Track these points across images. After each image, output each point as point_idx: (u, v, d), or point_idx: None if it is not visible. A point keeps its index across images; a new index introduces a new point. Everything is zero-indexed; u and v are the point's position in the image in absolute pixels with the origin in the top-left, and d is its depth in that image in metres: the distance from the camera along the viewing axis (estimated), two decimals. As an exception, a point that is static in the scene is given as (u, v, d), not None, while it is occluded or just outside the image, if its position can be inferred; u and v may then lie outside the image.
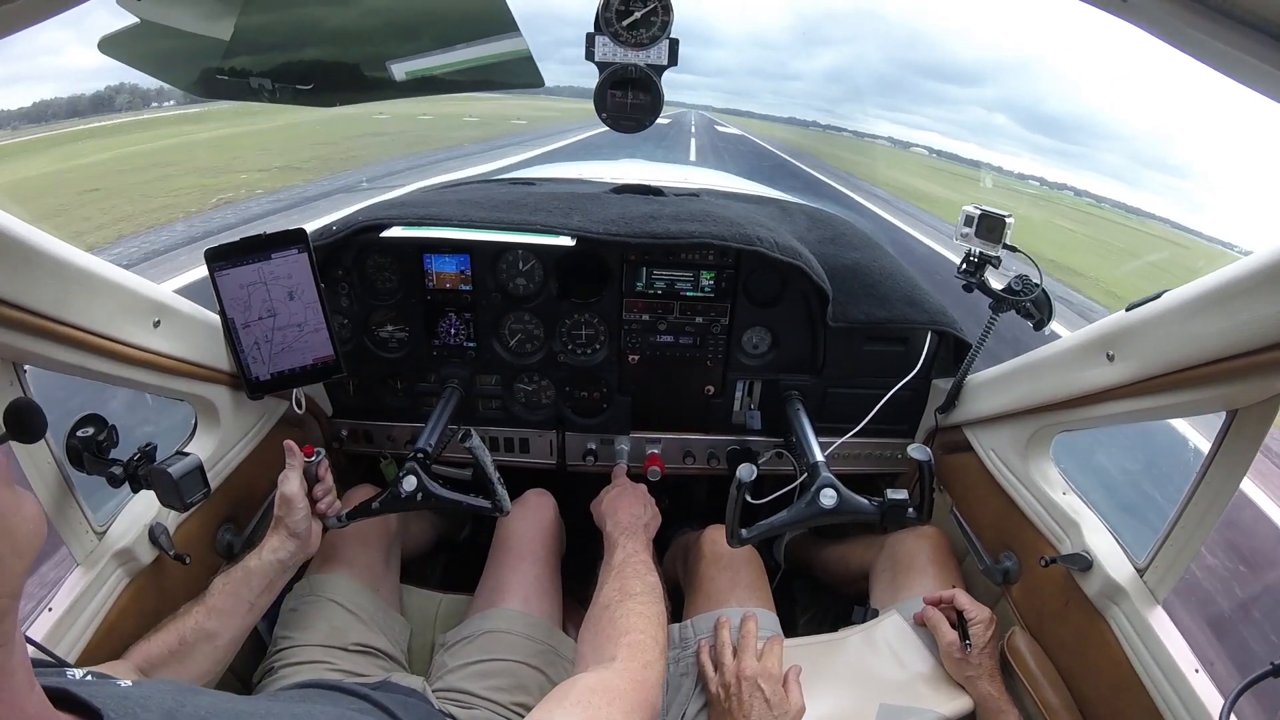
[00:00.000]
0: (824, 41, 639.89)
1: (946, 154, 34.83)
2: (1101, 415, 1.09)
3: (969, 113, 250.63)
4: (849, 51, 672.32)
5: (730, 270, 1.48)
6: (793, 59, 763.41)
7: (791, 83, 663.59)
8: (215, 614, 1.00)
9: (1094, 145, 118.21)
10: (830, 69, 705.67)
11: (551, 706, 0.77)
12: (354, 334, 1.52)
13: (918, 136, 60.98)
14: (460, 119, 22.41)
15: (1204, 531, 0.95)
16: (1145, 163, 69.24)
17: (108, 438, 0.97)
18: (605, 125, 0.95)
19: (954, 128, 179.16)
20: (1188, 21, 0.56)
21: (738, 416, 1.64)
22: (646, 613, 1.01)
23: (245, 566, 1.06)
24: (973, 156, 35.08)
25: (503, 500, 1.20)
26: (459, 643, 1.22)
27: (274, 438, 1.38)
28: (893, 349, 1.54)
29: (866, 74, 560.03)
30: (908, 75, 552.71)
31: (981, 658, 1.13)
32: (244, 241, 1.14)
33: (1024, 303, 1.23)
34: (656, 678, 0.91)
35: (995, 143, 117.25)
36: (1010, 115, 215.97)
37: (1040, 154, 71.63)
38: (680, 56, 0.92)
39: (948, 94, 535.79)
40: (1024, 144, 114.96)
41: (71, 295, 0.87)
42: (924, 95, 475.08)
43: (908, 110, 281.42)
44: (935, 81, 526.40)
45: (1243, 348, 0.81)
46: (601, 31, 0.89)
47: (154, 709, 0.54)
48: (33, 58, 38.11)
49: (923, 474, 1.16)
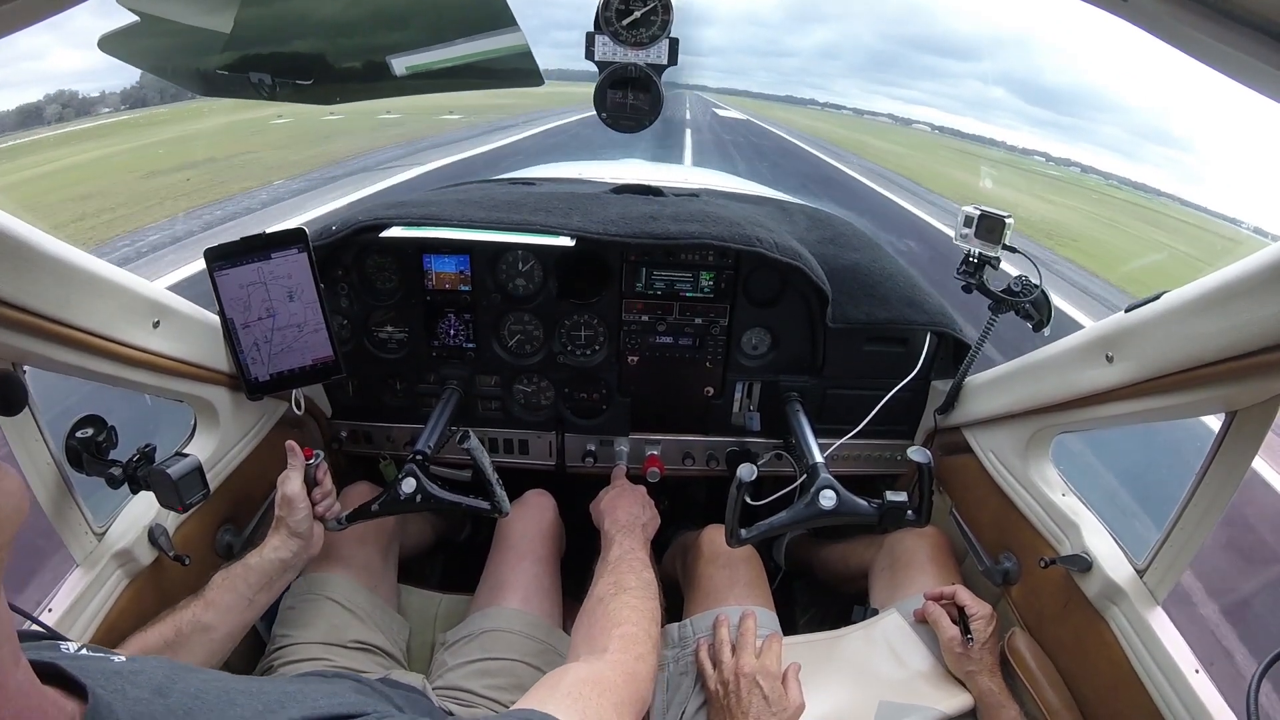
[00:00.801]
0: (818, 17, 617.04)
1: (948, 130, 34.40)
2: (1101, 417, 1.09)
3: (966, 86, 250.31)
4: (843, 27, 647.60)
5: (730, 271, 1.48)
6: (786, 35, 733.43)
7: (785, 59, 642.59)
8: (213, 608, 1.00)
9: (1091, 117, 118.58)
10: (824, 45, 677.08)
11: (544, 695, 0.76)
12: (353, 334, 1.52)
13: (916, 112, 60.59)
14: (376, 116, 17.53)
15: (1204, 532, 0.95)
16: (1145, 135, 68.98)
17: (107, 439, 0.97)
18: (605, 125, 0.95)
19: (951, 102, 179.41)
20: (1187, 21, 0.56)
21: (737, 418, 1.64)
22: (640, 607, 1.01)
23: (246, 563, 1.06)
24: (974, 131, 34.59)
25: (502, 502, 1.19)
26: (459, 641, 1.22)
27: (273, 439, 1.38)
28: (892, 350, 1.53)
29: (861, 49, 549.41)
30: (903, 50, 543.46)
31: (982, 653, 1.13)
32: (244, 241, 1.14)
33: (1023, 304, 1.23)
34: (648, 671, 0.91)
35: (993, 116, 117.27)
36: (1008, 89, 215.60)
37: (1039, 126, 71.33)
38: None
39: (944, 68, 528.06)
40: (1022, 117, 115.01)
41: (71, 295, 0.87)
42: (920, 70, 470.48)
43: (903, 85, 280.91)
44: (932, 56, 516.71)
45: (1242, 348, 0.80)
46: (601, 31, 0.89)
47: (143, 685, 0.54)
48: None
49: (922, 476, 1.15)
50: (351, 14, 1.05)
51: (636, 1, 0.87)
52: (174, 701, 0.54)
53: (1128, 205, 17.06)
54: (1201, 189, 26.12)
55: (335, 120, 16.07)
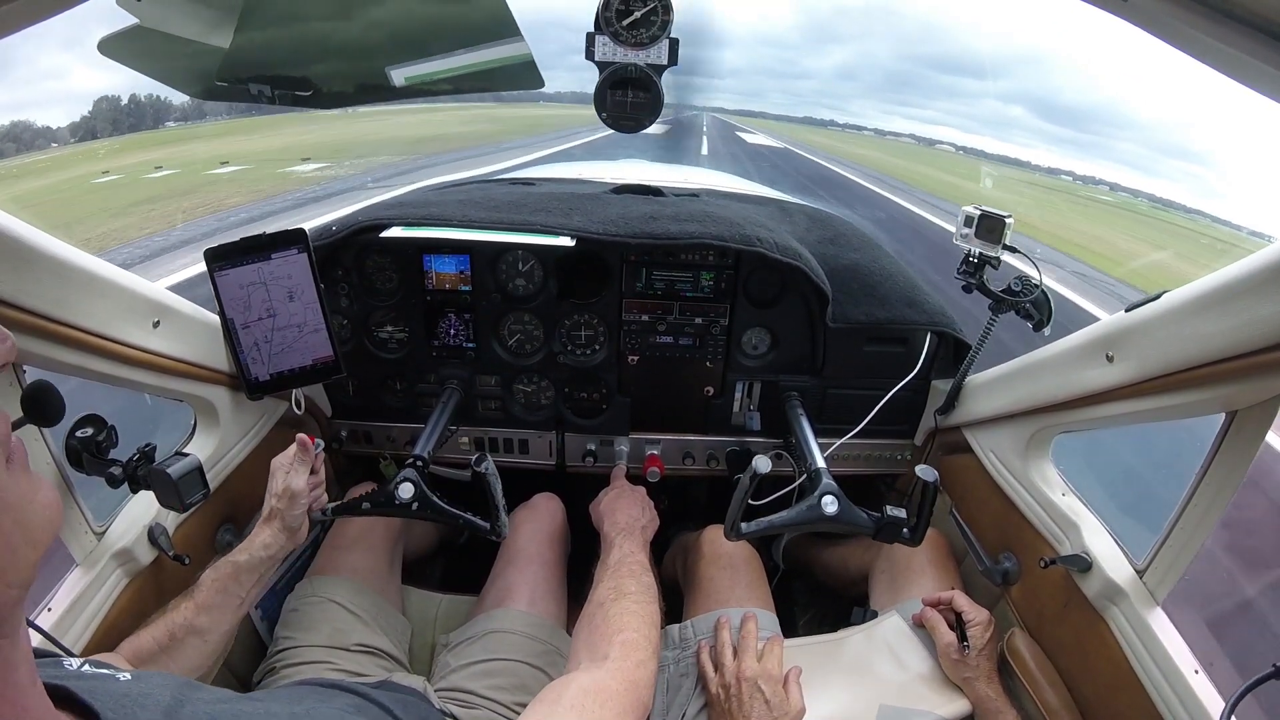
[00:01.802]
0: (835, 39, 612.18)
1: (971, 150, 32.35)
2: (1101, 416, 1.09)
3: (983, 105, 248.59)
4: (860, 47, 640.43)
5: (730, 271, 1.48)
6: (804, 57, 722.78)
7: (802, 81, 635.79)
8: (205, 610, 0.98)
9: (1109, 134, 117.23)
10: (841, 66, 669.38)
11: (546, 709, 0.77)
12: (353, 334, 1.52)
13: (938, 132, 58.62)
14: (208, 172, 12.72)
15: (1204, 532, 0.95)
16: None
17: (107, 438, 0.96)
18: (605, 125, 0.95)
19: (969, 121, 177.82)
20: (1188, 21, 0.56)
21: (737, 417, 1.64)
22: (640, 612, 1.01)
23: (234, 561, 1.03)
24: (996, 151, 32.76)
25: (503, 527, 1.17)
26: (462, 643, 1.22)
27: (273, 438, 1.38)
28: (892, 350, 1.53)
29: (877, 69, 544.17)
30: (920, 69, 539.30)
31: (979, 659, 1.13)
32: (244, 241, 1.14)
33: (1024, 304, 1.23)
34: (648, 677, 0.92)
35: (1012, 134, 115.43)
36: (1026, 107, 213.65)
37: (1058, 144, 69.94)
38: (689, 59, 0.91)
39: (962, 87, 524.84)
40: (1040, 135, 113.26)
41: (71, 295, 0.87)
42: (937, 89, 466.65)
43: (920, 105, 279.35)
44: (949, 75, 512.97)
45: (1242, 348, 0.80)
46: (601, 31, 0.89)
47: (152, 708, 0.53)
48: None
49: (924, 496, 1.13)
50: (361, 28, 1.05)
51: (636, 2, 0.87)
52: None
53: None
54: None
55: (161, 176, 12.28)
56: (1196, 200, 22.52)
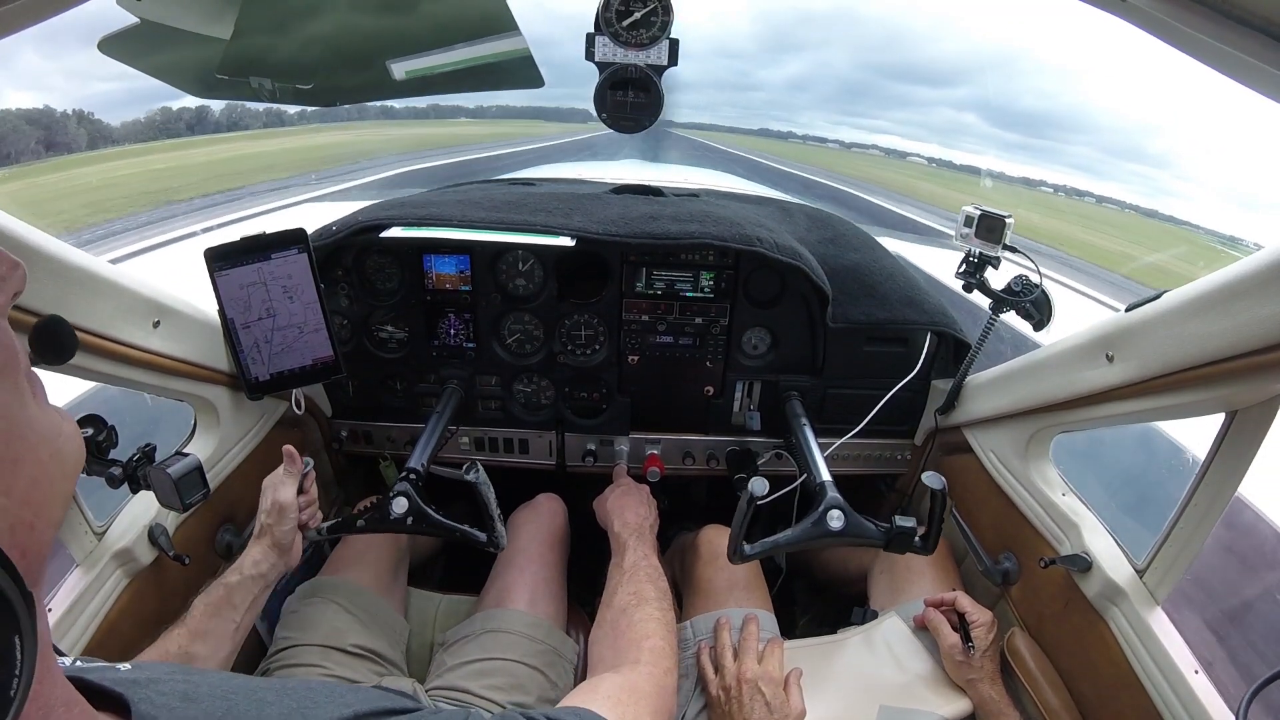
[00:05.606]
0: (793, 47, 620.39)
1: (943, 162, 31.47)
2: (1101, 416, 1.09)
3: (936, 113, 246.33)
4: (816, 57, 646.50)
5: (730, 271, 1.48)
6: (758, 68, 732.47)
7: (753, 94, 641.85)
8: (199, 638, 0.95)
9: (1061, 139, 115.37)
10: (794, 77, 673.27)
11: (584, 697, 0.79)
12: (353, 334, 1.52)
13: (909, 145, 57.57)
14: None
15: (1203, 533, 0.95)
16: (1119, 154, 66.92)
17: (107, 438, 0.96)
18: (605, 125, 0.96)
19: (919, 130, 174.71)
20: (1186, 22, 0.56)
21: (737, 417, 1.64)
22: (663, 619, 1.03)
23: (226, 584, 1.00)
24: (967, 163, 32.10)
25: (500, 537, 1.16)
26: (459, 641, 1.22)
27: (273, 439, 1.38)
28: (892, 350, 1.53)
29: (832, 79, 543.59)
30: (876, 79, 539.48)
31: (983, 660, 1.13)
32: (244, 242, 1.14)
33: (1024, 303, 1.23)
34: (674, 684, 0.94)
35: (962, 141, 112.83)
36: (979, 114, 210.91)
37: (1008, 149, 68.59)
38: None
39: (917, 96, 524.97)
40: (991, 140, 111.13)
41: (71, 295, 0.87)
42: (891, 99, 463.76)
43: (874, 115, 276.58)
44: (905, 84, 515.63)
45: (1242, 348, 0.80)
46: (601, 31, 0.89)
47: (168, 693, 0.52)
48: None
49: (934, 504, 1.11)
50: (361, 23, 1.05)
51: (636, 2, 0.87)
52: (206, 706, 0.52)
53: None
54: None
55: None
56: (1146, 200, 22.17)
